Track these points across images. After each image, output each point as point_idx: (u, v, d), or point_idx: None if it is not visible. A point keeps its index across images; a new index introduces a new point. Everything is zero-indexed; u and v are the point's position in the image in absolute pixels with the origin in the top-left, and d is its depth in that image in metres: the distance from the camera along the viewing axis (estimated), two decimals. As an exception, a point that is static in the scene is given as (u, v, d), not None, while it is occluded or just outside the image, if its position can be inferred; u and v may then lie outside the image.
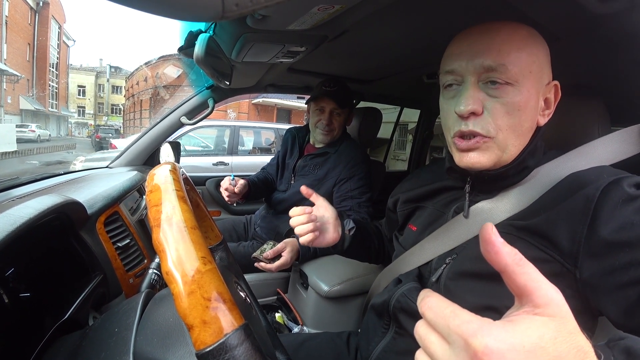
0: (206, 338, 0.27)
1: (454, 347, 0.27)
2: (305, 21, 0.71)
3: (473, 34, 0.58)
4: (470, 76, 0.57)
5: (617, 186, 0.48)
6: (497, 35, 0.56)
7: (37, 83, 32.31)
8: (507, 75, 0.55)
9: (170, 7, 0.15)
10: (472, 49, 0.57)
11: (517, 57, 0.55)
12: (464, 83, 0.58)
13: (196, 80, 1.55)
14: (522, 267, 0.27)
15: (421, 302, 0.32)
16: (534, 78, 0.56)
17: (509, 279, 0.28)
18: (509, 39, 0.55)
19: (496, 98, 0.56)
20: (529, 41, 0.56)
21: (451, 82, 0.61)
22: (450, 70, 0.60)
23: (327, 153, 1.47)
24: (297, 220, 0.75)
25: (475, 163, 0.58)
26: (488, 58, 0.55)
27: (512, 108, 0.55)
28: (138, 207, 1.18)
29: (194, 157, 5.09)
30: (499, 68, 0.54)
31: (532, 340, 0.25)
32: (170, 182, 0.38)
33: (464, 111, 0.56)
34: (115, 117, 51.67)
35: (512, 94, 0.55)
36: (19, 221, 0.56)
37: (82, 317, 0.70)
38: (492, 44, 0.55)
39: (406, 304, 0.64)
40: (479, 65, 0.56)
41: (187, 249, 0.30)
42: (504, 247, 0.28)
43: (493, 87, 0.56)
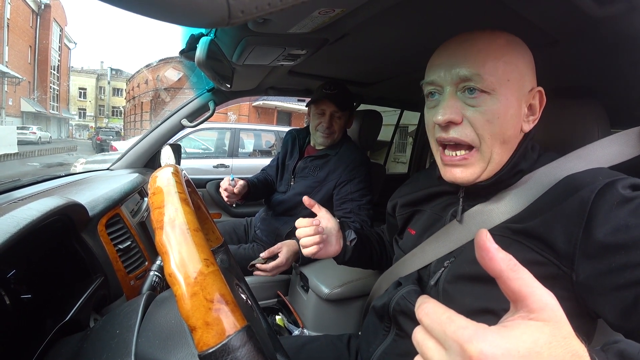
0: (209, 339, 0.27)
1: (450, 352, 0.28)
2: (306, 24, 0.72)
3: (452, 45, 0.60)
4: (449, 86, 0.59)
5: (612, 188, 0.48)
6: (474, 45, 0.57)
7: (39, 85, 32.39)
8: (483, 84, 0.56)
9: (176, 13, 0.15)
10: (450, 59, 0.59)
11: (493, 67, 0.56)
12: (443, 93, 0.60)
13: (197, 82, 1.56)
14: (516, 273, 0.28)
15: (418, 309, 0.32)
16: (512, 86, 0.57)
17: (503, 285, 0.28)
18: (486, 48, 0.57)
19: (474, 107, 0.57)
20: (506, 50, 0.57)
21: (432, 90, 0.63)
22: (430, 81, 0.62)
23: (328, 155, 1.48)
24: (304, 232, 0.76)
25: (459, 178, 0.60)
26: (463, 68, 0.56)
27: (492, 117, 0.56)
28: (139, 209, 1.18)
29: (194, 160, 5.10)
30: (474, 77, 0.56)
31: (527, 345, 0.25)
32: (172, 184, 0.38)
33: (441, 120, 0.58)
34: (116, 119, 51.74)
35: (490, 102, 0.56)
36: (22, 223, 0.56)
37: (83, 319, 0.70)
38: (469, 54, 0.57)
39: (405, 306, 0.65)
40: (455, 75, 0.57)
41: (190, 251, 0.31)
42: (498, 253, 0.28)
43: (470, 95, 0.57)
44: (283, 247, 1.24)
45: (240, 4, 0.16)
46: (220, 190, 1.44)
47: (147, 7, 0.16)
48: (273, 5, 0.17)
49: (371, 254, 0.93)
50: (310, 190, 1.46)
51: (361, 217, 1.37)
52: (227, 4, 0.15)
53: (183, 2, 0.14)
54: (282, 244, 1.25)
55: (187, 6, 0.14)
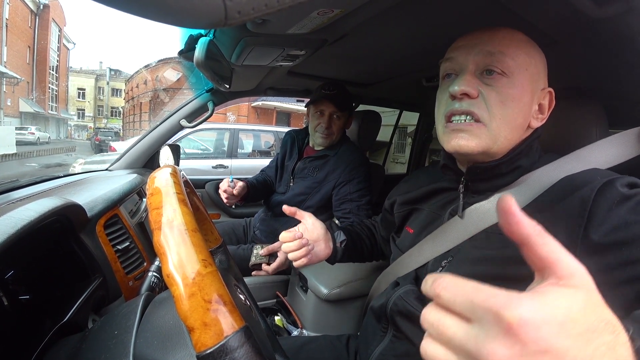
0: (207, 340, 0.27)
1: (482, 323, 0.25)
2: (305, 25, 0.72)
3: (475, 32, 0.61)
4: (469, 64, 0.59)
5: (612, 186, 0.49)
6: (499, 32, 0.59)
7: (37, 86, 32.34)
8: (503, 64, 0.56)
9: (173, 14, 0.15)
10: (474, 41, 0.60)
11: (515, 52, 0.57)
12: (462, 71, 0.60)
13: (196, 83, 1.55)
14: (543, 238, 0.26)
15: (433, 284, 0.29)
16: (529, 76, 0.58)
17: (530, 251, 0.27)
18: (510, 36, 0.58)
19: (491, 86, 0.57)
20: (527, 44, 0.59)
21: (449, 71, 0.63)
22: (450, 57, 0.62)
23: (327, 156, 1.48)
24: (289, 247, 0.78)
25: (463, 145, 0.58)
26: (489, 44, 0.57)
27: (506, 98, 0.57)
28: (138, 210, 1.18)
29: (193, 160, 5.10)
30: (498, 55, 0.56)
31: (562, 311, 0.24)
32: (171, 185, 0.38)
33: (457, 91, 0.57)
34: (114, 119, 51.66)
35: (507, 85, 0.57)
36: (20, 224, 0.56)
37: (82, 319, 0.70)
38: (494, 37, 0.58)
39: (403, 307, 0.64)
40: (479, 50, 0.58)
41: (188, 252, 0.30)
42: (524, 218, 0.27)
43: (489, 76, 0.57)
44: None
45: (237, 5, 0.16)
46: (220, 191, 1.44)
47: (143, 9, 0.16)
48: (270, 6, 0.17)
49: (362, 250, 0.94)
50: (309, 191, 1.46)
51: (360, 218, 1.37)
52: (223, 5, 0.15)
53: (179, 3, 0.14)
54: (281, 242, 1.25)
55: (183, 7, 0.15)
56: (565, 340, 0.23)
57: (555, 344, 0.23)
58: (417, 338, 0.63)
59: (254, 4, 0.16)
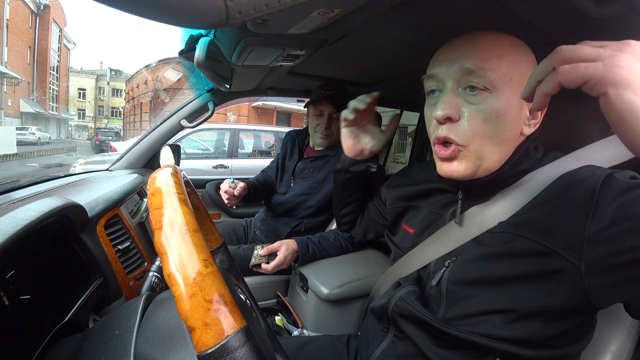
0: (207, 340, 0.27)
1: (610, 49, 0.37)
2: (305, 25, 0.72)
3: (456, 41, 0.60)
4: (450, 81, 0.58)
5: (614, 178, 0.50)
6: (478, 42, 0.57)
7: (38, 86, 32.37)
8: (485, 80, 0.55)
9: (174, 14, 0.15)
10: (454, 54, 0.58)
11: (497, 64, 0.55)
12: (444, 89, 0.59)
13: (196, 83, 1.56)
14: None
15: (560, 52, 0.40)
16: (515, 85, 0.56)
17: None
18: (491, 45, 0.56)
19: (474, 104, 0.56)
20: (510, 50, 0.57)
21: (433, 87, 0.62)
22: (431, 74, 0.61)
23: (327, 156, 1.48)
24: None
25: (453, 172, 0.59)
26: (468, 61, 0.56)
27: (489, 115, 0.55)
28: (138, 210, 1.18)
29: (194, 160, 5.10)
30: (478, 72, 0.55)
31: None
32: (171, 185, 0.38)
33: (440, 116, 0.57)
34: (115, 119, 51.71)
35: (491, 100, 0.55)
36: (21, 223, 0.56)
37: (83, 319, 0.70)
38: (474, 49, 0.56)
39: (405, 308, 0.64)
40: (458, 68, 0.57)
41: (189, 252, 0.31)
42: None
43: (471, 93, 0.56)
44: (282, 245, 1.25)
45: (238, 5, 0.16)
46: (221, 192, 1.44)
47: (143, 9, 0.16)
48: (271, 6, 0.17)
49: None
50: (309, 191, 1.46)
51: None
52: (224, 5, 0.15)
53: (180, 3, 0.14)
54: (281, 243, 1.26)
55: (184, 7, 0.15)
56: None
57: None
58: (419, 339, 0.63)
59: (255, 4, 0.16)
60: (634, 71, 0.35)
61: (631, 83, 0.34)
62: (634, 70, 0.35)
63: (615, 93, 0.35)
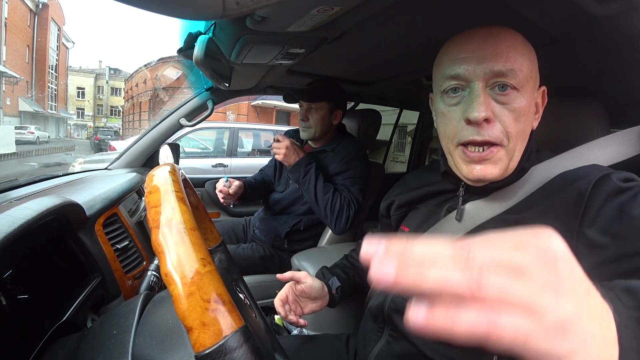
0: (205, 340, 0.27)
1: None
2: (304, 23, 0.71)
3: (475, 37, 0.56)
4: (479, 81, 0.55)
5: (608, 180, 0.49)
6: (501, 40, 0.54)
7: (36, 85, 32.30)
8: (516, 80, 0.53)
9: (172, 5, 0.15)
10: (478, 53, 0.55)
11: (522, 63, 0.54)
12: (472, 89, 0.55)
13: (195, 82, 1.55)
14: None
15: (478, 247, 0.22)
16: (533, 83, 0.56)
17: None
18: (514, 44, 0.54)
19: (504, 105, 0.55)
20: (527, 47, 0.56)
21: (454, 86, 0.58)
22: (454, 75, 0.57)
23: (325, 152, 1.47)
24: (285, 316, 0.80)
25: (488, 174, 0.56)
26: (498, 63, 0.53)
27: (519, 114, 0.54)
28: (137, 209, 1.18)
29: (193, 159, 5.09)
30: (509, 73, 0.53)
31: None
32: (169, 183, 0.38)
33: (479, 118, 0.53)
34: (114, 119, 51.62)
35: (519, 99, 0.54)
36: (17, 222, 0.56)
37: (81, 319, 0.70)
38: (500, 49, 0.54)
39: (401, 303, 0.64)
40: (488, 70, 0.54)
41: (187, 251, 0.30)
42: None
43: (501, 92, 0.54)
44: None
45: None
46: (216, 191, 1.44)
47: (143, 0, 0.15)
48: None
49: (362, 284, 0.93)
50: None
51: (353, 195, 1.35)
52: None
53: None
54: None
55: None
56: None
57: None
58: (415, 336, 0.63)
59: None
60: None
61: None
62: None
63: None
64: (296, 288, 0.82)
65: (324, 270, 0.92)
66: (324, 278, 0.89)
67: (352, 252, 1.02)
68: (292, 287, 0.83)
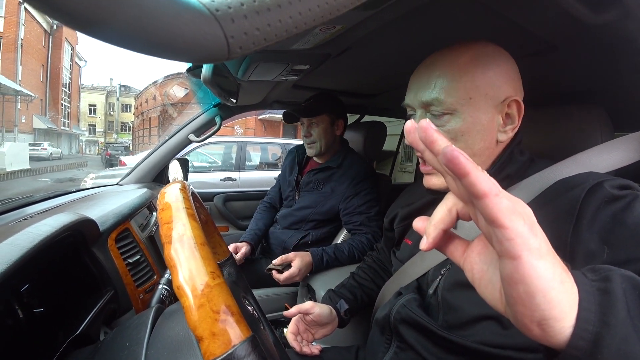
0: (215, 349, 0.28)
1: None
2: (308, 41, 0.74)
3: (420, 69, 0.65)
4: (418, 109, 0.64)
5: (601, 187, 0.49)
6: (435, 69, 0.61)
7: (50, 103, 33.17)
8: (443, 107, 0.59)
9: (178, 51, 0.16)
10: (415, 84, 0.64)
11: (452, 89, 0.58)
12: (416, 115, 0.65)
13: (203, 98, 1.59)
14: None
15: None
16: (476, 103, 0.59)
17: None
18: (445, 72, 0.59)
19: (440, 127, 0.60)
20: (468, 68, 0.59)
21: (410, 112, 0.67)
22: (405, 104, 0.67)
23: (330, 168, 1.48)
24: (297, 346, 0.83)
25: (432, 185, 0.63)
26: (425, 93, 0.61)
27: (456, 134, 0.60)
28: (148, 224, 1.20)
29: (202, 173, 5.14)
30: (434, 102, 0.60)
31: None
32: (180, 200, 0.40)
33: None
34: (124, 134, 52.59)
35: (453, 121, 0.60)
36: (37, 238, 0.58)
37: (94, 332, 0.71)
38: (429, 80, 0.61)
39: (406, 314, 0.65)
40: (419, 100, 0.62)
41: (197, 265, 0.32)
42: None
43: (435, 117, 0.61)
44: (296, 257, 1.25)
45: (239, 41, 0.17)
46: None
47: (147, 47, 0.17)
48: (269, 39, 0.18)
49: (369, 302, 0.95)
50: (315, 204, 1.47)
51: (372, 229, 1.39)
52: (226, 42, 0.16)
53: (184, 41, 0.16)
54: (295, 254, 1.26)
55: (187, 44, 0.16)
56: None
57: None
58: (422, 346, 0.63)
59: (253, 39, 0.17)
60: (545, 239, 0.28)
61: (547, 252, 0.27)
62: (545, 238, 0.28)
63: (530, 260, 0.25)
64: (305, 319, 0.84)
65: (330, 294, 0.94)
66: (331, 302, 0.90)
67: (358, 270, 1.03)
68: (302, 317, 0.85)
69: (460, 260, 0.34)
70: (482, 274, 0.32)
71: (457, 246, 0.34)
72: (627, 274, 0.30)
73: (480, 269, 0.32)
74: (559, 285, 0.26)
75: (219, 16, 0.17)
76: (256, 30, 0.17)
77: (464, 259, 0.33)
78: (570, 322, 0.27)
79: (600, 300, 0.28)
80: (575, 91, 0.98)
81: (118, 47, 0.17)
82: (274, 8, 0.18)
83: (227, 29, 0.17)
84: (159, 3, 0.15)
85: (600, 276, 0.30)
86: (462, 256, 0.34)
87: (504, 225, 0.25)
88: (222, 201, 2.28)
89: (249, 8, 0.17)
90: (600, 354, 0.26)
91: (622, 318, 0.27)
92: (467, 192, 0.26)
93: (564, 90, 1.00)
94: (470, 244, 0.33)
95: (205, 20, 0.16)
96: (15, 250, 0.54)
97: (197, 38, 0.16)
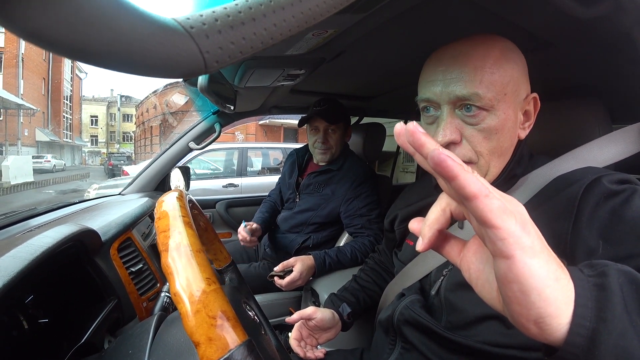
0: (212, 354, 0.28)
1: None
2: (301, 46, 0.75)
3: (445, 59, 0.57)
4: (446, 105, 0.57)
5: (600, 182, 0.49)
6: (469, 61, 0.55)
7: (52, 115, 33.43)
8: (481, 102, 0.54)
9: (157, 69, 0.17)
10: (445, 77, 0.56)
11: (490, 83, 0.54)
12: (441, 111, 0.58)
13: (202, 106, 1.60)
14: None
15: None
16: (509, 99, 0.55)
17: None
18: (482, 64, 0.54)
19: (472, 125, 0.55)
20: (502, 62, 0.55)
21: (427, 106, 0.61)
22: (425, 98, 0.60)
23: (331, 170, 1.49)
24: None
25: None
26: (462, 87, 0.54)
27: (490, 133, 0.55)
28: (150, 232, 1.21)
29: (204, 180, 5.16)
30: (473, 97, 0.54)
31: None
32: (177, 209, 0.40)
33: (441, 142, 0.55)
34: (126, 144, 52.89)
35: (489, 119, 0.55)
36: (38, 250, 0.59)
37: (98, 341, 0.72)
38: (465, 72, 0.54)
39: (409, 315, 0.65)
40: (452, 94, 0.55)
41: (194, 272, 0.32)
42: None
43: (468, 113, 0.55)
44: (297, 261, 1.25)
45: (214, 56, 0.18)
46: (240, 239, 1.47)
47: (122, 65, 0.17)
48: (245, 52, 0.19)
49: (372, 305, 0.94)
50: (316, 207, 1.48)
51: (373, 231, 1.39)
52: (202, 57, 0.17)
53: (159, 57, 0.16)
54: (296, 259, 1.26)
55: (163, 61, 0.16)
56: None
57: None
58: (426, 347, 0.63)
59: (229, 52, 0.18)
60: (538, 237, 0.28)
61: (541, 249, 0.27)
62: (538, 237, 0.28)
63: (524, 259, 0.26)
64: (308, 324, 0.84)
65: (332, 298, 0.94)
66: (333, 306, 0.90)
67: (360, 273, 1.03)
68: (304, 323, 0.85)
69: (456, 260, 0.34)
70: (479, 274, 0.32)
71: (454, 246, 0.34)
72: (624, 268, 0.30)
73: (477, 269, 0.32)
74: (553, 283, 0.26)
75: (194, 33, 0.17)
76: (231, 44, 0.18)
77: (461, 259, 0.33)
78: (566, 318, 0.27)
79: (597, 295, 0.28)
80: (572, 86, 0.98)
81: (96, 67, 0.17)
82: (248, 22, 0.19)
83: (202, 45, 0.17)
84: (134, 25, 0.16)
85: (597, 272, 0.30)
86: (458, 256, 0.34)
87: (496, 225, 0.25)
88: (224, 207, 2.28)
89: (222, 23, 0.18)
90: (597, 349, 0.26)
91: (619, 313, 0.27)
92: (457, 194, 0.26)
93: (561, 86, 1.00)
94: (466, 243, 0.33)
95: (180, 38, 0.17)
96: (17, 262, 0.55)
97: (172, 55, 0.17)
